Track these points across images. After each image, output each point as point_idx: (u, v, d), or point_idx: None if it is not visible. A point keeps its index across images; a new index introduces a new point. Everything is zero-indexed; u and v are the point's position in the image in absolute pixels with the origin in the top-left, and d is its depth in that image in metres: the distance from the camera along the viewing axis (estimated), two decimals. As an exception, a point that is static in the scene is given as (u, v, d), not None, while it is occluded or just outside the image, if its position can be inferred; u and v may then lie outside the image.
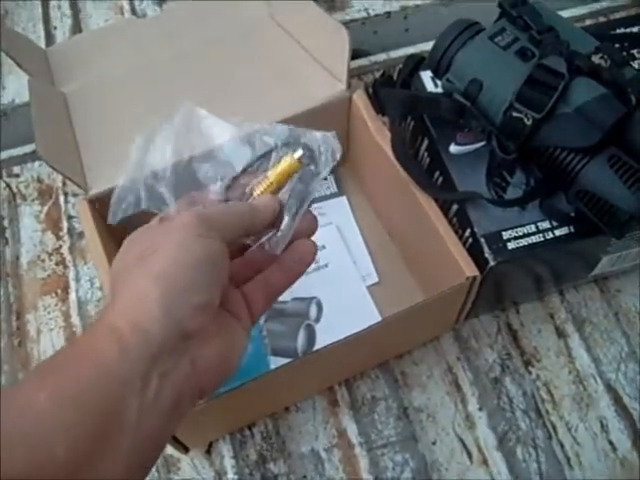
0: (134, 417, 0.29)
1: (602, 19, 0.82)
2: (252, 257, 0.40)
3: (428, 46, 0.58)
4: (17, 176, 0.75)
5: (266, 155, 0.41)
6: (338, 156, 0.40)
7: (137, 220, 0.37)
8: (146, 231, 0.36)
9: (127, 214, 0.40)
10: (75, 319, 0.65)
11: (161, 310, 0.31)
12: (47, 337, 0.64)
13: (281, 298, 0.61)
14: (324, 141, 0.40)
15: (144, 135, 0.42)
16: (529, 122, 0.49)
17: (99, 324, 0.32)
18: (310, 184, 0.40)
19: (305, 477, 0.56)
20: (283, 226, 0.38)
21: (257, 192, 0.39)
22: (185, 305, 0.33)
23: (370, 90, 0.62)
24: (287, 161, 0.39)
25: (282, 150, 0.40)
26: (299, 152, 0.39)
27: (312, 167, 0.40)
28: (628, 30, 0.64)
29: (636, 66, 0.61)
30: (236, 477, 0.56)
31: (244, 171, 0.41)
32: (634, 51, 0.62)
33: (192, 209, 0.36)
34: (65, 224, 0.71)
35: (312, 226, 0.41)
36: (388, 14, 0.85)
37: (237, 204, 0.39)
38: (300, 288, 0.43)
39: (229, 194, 0.40)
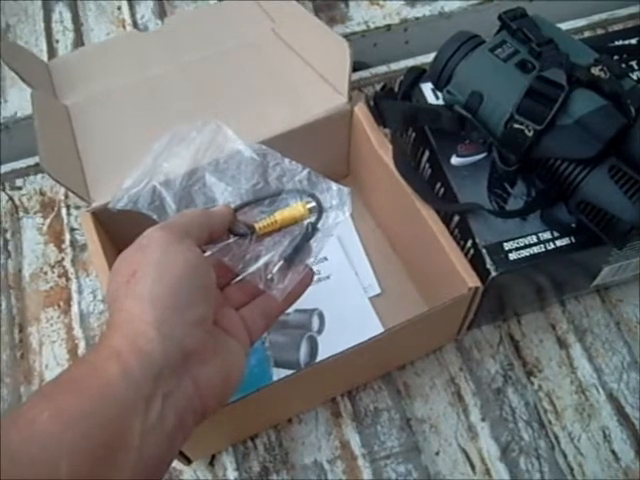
0: (137, 438, 0.30)
1: (600, 31, 0.83)
2: (249, 282, 0.41)
3: (428, 58, 0.58)
4: (19, 189, 0.75)
5: (277, 195, 0.43)
6: (348, 214, 0.42)
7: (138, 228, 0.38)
8: (126, 255, 0.36)
9: (126, 209, 0.42)
10: (77, 331, 0.65)
11: (158, 333, 0.32)
12: (49, 349, 0.64)
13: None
14: (338, 194, 0.42)
15: (166, 137, 0.44)
16: (530, 133, 0.49)
17: (101, 346, 0.32)
18: (316, 242, 0.41)
19: (308, 489, 0.56)
20: (286, 279, 0.40)
21: (259, 225, 0.41)
22: (180, 324, 0.33)
23: (371, 102, 0.62)
24: (297, 208, 0.41)
25: (294, 195, 0.42)
26: (312, 204, 0.41)
27: (319, 223, 0.41)
28: (626, 42, 0.65)
29: (635, 77, 0.61)
30: (239, 489, 0.56)
31: (253, 202, 0.43)
32: (632, 63, 0.63)
33: (156, 225, 0.37)
34: (67, 236, 0.71)
35: (307, 281, 0.42)
36: (388, 27, 0.85)
37: (190, 209, 0.41)
38: (302, 300, 0.43)
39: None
